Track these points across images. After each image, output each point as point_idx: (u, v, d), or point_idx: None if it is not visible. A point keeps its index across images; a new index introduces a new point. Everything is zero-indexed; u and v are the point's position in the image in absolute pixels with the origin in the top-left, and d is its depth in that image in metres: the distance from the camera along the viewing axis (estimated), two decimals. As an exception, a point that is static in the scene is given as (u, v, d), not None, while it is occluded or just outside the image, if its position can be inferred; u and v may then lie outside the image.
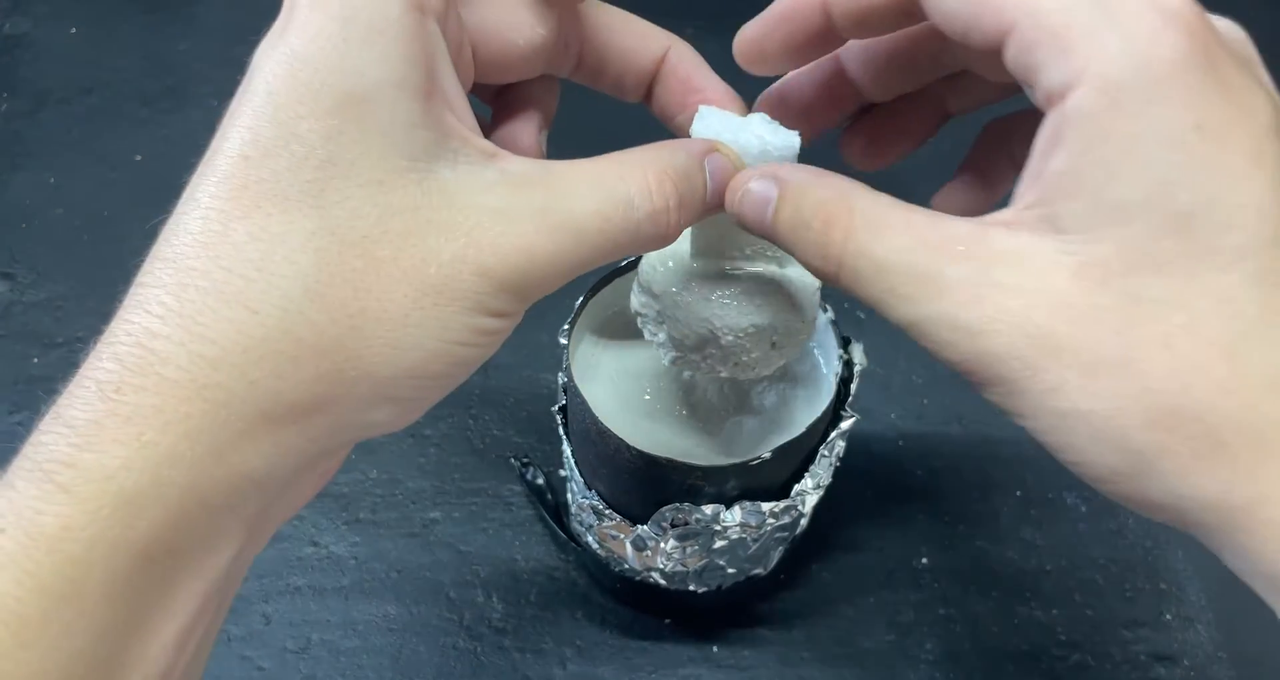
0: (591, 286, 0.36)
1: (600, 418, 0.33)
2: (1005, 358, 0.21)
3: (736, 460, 0.32)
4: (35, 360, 0.51)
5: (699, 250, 0.29)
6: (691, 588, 0.39)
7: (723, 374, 0.30)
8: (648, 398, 0.36)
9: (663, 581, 0.38)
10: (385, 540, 0.46)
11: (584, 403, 0.33)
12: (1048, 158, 0.21)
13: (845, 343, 0.35)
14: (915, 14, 0.23)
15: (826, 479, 0.36)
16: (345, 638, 0.43)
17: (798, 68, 0.27)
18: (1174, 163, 0.20)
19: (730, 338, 0.29)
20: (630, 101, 0.29)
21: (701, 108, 0.26)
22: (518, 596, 0.44)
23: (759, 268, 0.29)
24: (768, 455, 0.32)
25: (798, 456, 0.35)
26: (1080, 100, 0.20)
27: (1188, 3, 0.20)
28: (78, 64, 0.64)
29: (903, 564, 0.45)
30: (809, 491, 0.36)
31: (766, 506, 0.34)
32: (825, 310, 0.36)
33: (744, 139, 0.25)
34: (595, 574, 0.44)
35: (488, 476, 0.48)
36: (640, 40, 0.27)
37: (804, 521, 0.38)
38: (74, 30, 0.66)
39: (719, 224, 0.27)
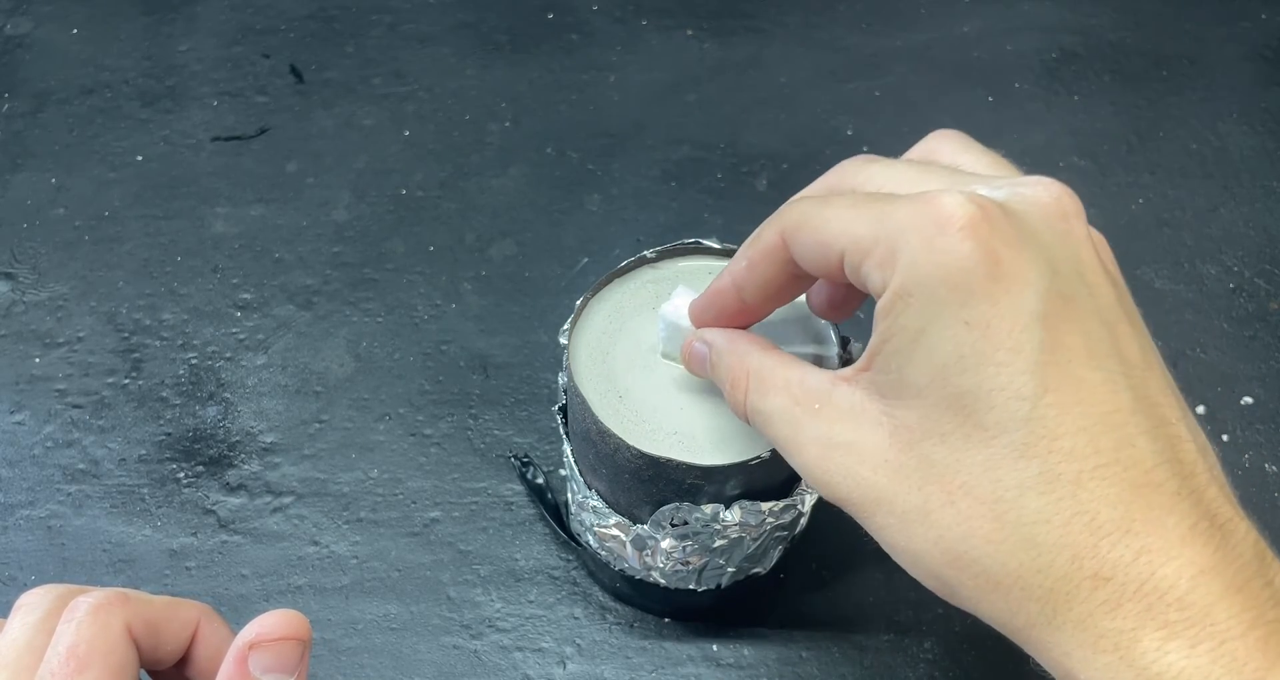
0: (592, 287, 0.36)
1: (600, 418, 0.33)
2: (846, 503, 0.27)
3: (736, 460, 0.32)
4: (36, 360, 0.51)
5: (665, 353, 0.35)
6: (691, 587, 0.39)
7: None
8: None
9: (663, 581, 0.38)
10: (386, 539, 0.46)
11: (584, 403, 0.33)
12: (873, 336, 0.26)
13: (844, 343, 0.35)
14: (800, 272, 0.29)
15: (826, 479, 0.36)
16: (345, 637, 0.43)
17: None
18: (948, 353, 0.24)
19: None
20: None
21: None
22: (518, 596, 0.44)
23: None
24: (767, 455, 0.32)
25: (797, 456, 0.35)
26: (885, 301, 0.25)
27: (966, 205, 0.24)
28: (78, 64, 0.64)
29: (902, 563, 0.45)
30: (808, 491, 0.36)
31: (766, 506, 0.34)
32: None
33: (664, 307, 0.34)
34: (595, 574, 0.44)
35: (488, 476, 0.48)
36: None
37: (804, 521, 0.38)
38: (74, 30, 0.66)
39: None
